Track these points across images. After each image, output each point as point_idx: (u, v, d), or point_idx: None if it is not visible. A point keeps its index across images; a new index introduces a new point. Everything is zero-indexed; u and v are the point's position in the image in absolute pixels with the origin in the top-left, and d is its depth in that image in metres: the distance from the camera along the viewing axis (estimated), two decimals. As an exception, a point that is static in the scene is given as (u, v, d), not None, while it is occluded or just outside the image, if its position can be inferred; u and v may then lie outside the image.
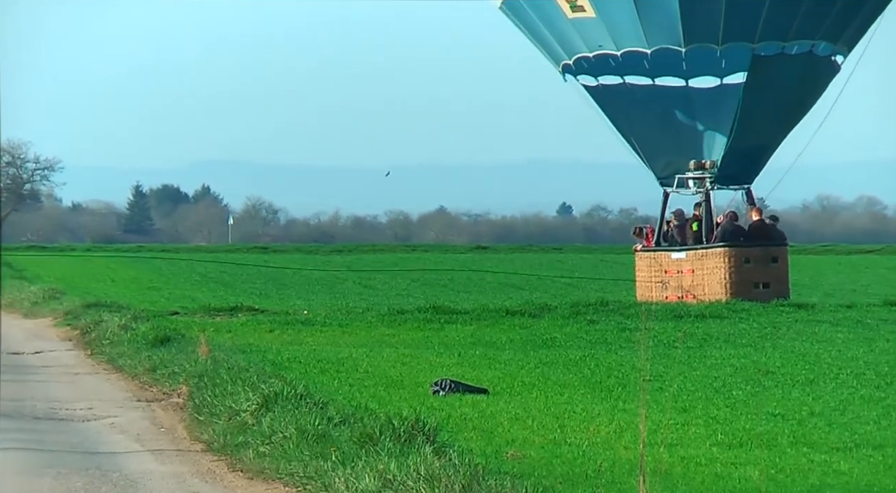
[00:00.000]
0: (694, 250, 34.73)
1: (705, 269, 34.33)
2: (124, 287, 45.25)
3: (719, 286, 34.13)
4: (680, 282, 34.65)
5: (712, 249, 34.49)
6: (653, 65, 35.00)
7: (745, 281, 34.23)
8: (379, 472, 12.93)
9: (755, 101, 34.92)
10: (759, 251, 34.75)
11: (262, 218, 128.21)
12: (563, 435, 15.73)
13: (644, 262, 35.40)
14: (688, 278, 34.51)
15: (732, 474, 13.62)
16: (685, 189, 35.53)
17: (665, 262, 34.76)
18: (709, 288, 34.26)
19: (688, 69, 35.10)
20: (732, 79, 35.25)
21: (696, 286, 34.40)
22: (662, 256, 34.98)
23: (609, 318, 31.05)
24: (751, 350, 25.00)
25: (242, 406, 17.05)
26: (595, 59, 35.11)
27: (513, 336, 28.19)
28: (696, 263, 34.56)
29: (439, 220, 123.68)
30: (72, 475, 14.60)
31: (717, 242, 34.73)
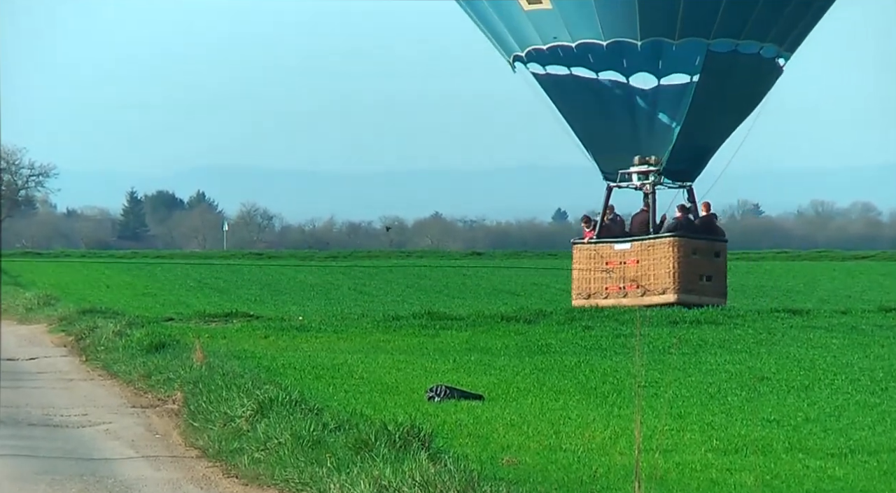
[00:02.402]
0: (640, 240, 34.76)
1: (652, 259, 34.44)
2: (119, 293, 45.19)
3: (667, 276, 34.23)
4: (623, 273, 34.69)
5: (661, 239, 34.55)
6: (606, 57, 35.05)
7: (691, 272, 34.37)
8: (374, 478, 12.92)
9: (706, 98, 35.05)
10: (705, 244, 34.93)
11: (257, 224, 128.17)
12: (559, 441, 15.72)
13: (583, 254, 35.42)
14: (632, 268, 34.59)
15: (728, 479, 13.61)
16: (629, 183, 35.53)
17: (607, 253, 34.83)
18: (655, 278, 34.36)
19: (641, 63, 35.16)
20: (685, 76, 35.39)
21: (642, 276, 34.48)
22: (604, 247, 35.02)
23: (604, 324, 31.04)
24: (746, 356, 25.00)
25: (237, 412, 17.03)
26: (549, 51, 35.15)
27: (508, 342, 28.17)
28: (641, 253, 34.61)
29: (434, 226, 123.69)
30: (66, 482, 14.57)
31: (666, 233, 34.75)
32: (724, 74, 34.87)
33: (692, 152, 35.37)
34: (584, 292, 34.95)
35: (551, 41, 34.79)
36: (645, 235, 34.88)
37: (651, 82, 35.30)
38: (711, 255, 34.98)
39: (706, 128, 35.26)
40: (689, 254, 34.38)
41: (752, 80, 35.28)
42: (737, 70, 34.86)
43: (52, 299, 39.52)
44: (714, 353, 25.63)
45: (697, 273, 34.50)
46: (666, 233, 34.62)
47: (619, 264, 34.71)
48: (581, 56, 35.08)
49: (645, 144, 35.31)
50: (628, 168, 35.26)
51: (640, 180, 35.23)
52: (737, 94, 35.32)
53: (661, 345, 26.93)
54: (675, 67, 35.06)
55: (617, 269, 34.64)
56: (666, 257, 34.17)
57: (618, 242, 34.90)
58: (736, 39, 34.55)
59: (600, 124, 35.75)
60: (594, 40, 34.41)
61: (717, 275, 34.89)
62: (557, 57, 35.38)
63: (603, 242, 35.05)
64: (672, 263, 34.07)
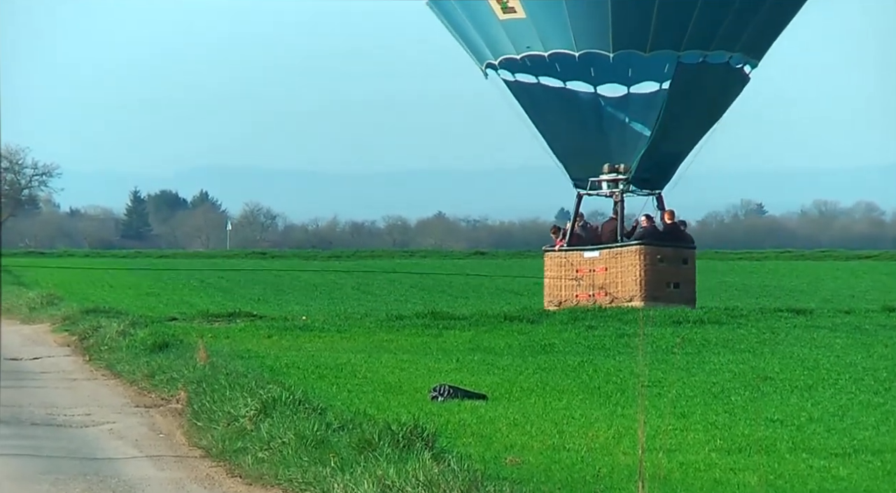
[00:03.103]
0: (608, 248, 35.06)
1: (620, 267, 34.80)
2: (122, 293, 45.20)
3: (634, 284, 34.55)
4: (592, 280, 35.00)
5: (628, 247, 34.91)
6: (576, 67, 35.26)
7: (658, 280, 34.77)
8: (378, 478, 12.92)
9: (676, 107, 35.45)
10: (671, 251, 35.30)
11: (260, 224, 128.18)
12: (562, 441, 15.72)
13: (554, 261, 35.68)
14: (600, 276, 34.96)
15: (731, 479, 13.60)
16: (598, 191, 35.78)
17: (577, 261, 35.05)
18: (623, 286, 34.69)
19: (611, 74, 35.47)
20: (654, 84, 35.66)
21: (610, 284, 34.82)
22: (574, 255, 35.32)
23: (607, 324, 31.04)
24: (749, 356, 24.99)
25: (241, 412, 17.03)
26: (521, 60, 35.37)
27: (511, 342, 28.17)
28: (609, 261, 34.94)
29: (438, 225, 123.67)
30: (70, 482, 14.57)
31: (633, 241, 35.06)
32: (693, 84, 35.37)
33: (661, 160, 35.84)
34: (555, 300, 35.40)
35: (524, 51, 35.11)
36: (613, 243, 35.16)
37: (620, 91, 35.65)
38: (679, 262, 35.41)
39: (675, 136, 35.80)
40: (655, 262, 34.84)
41: (720, 88, 35.82)
42: (706, 79, 35.40)
43: (56, 299, 39.52)
44: (717, 353, 25.62)
45: (664, 280, 34.98)
46: (633, 241, 35.00)
47: (588, 271, 35.17)
48: (550, 65, 35.39)
49: (614, 152, 35.70)
50: (598, 176, 35.51)
51: (609, 188, 35.47)
52: (705, 102, 35.86)
53: (664, 345, 26.92)
54: (644, 77, 35.43)
55: (586, 276, 35.13)
56: (633, 264, 34.65)
57: (587, 249, 35.32)
58: (705, 50, 35.04)
59: (569, 133, 36.15)
60: (567, 51, 34.73)
61: (684, 282, 35.35)
62: (526, 66, 35.63)
63: (573, 250, 35.38)
64: (638, 270, 34.57)
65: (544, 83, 35.75)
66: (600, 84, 35.58)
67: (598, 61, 34.92)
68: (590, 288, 34.92)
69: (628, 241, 35.08)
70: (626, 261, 34.67)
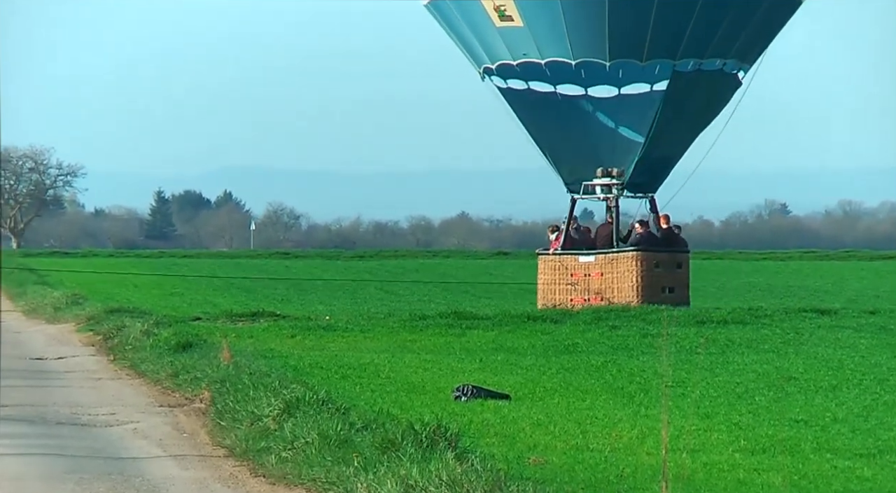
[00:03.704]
0: (604, 253, 35.23)
1: (616, 272, 35.00)
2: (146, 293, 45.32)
3: (630, 290, 34.81)
4: (587, 285, 35.19)
5: (624, 252, 35.13)
6: (571, 73, 35.45)
7: (654, 285, 35.07)
8: (401, 478, 12.93)
9: (670, 113, 35.71)
10: (666, 256, 35.63)
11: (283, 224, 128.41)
12: (586, 441, 15.71)
13: (548, 265, 35.81)
14: (596, 280, 35.12)
15: (755, 480, 13.57)
16: (592, 196, 35.98)
17: (572, 265, 35.15)
18: (619, 291, 34.95)
19: (604, 79, 35.68)
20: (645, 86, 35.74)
21: (606, 289, 35.05)
22: (569, 259, 35.47)
23: (631, 323, 30.99)
24: (773, 356, 24.92)
25: (264, 412, 17.06)
26: (518, 66, 35.58)
27: (534, 342, 28.15)
28: (605, 266, 35.13)
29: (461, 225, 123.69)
30: (94, 481, 14.62)
31: (630, 247, 35.27)
32: (687, 90, 35.59)
33: (653, 165, 36.05)
34: (549, 303, 35.57)
35: (521, 58, 35.30)
36: (609, 249, 35.45)
37: (611, 92, 35.91)
38: (673, 267, 35.72)
39: (668, 141, 36.13)
40: (651, 267, 35.13)
41: (713, 94, 36.07)
42: (700, 86, 35.66)
43: (80, 299, 39.65)
44: (741, 353, 25.56)
45: (660, 286, 35.28)
46: (629, 247, 35.27)
47: (583, 276, 35.34)
48: (543, 71, 35.56)
49: (606, 155, 35.87)
50: (591, 180, 35.67)
51: (603, 193, 35.59)
52: (698, 107, 36.11)
53: (688, 345, 26.87)
54: (635, 79, 35.68)
55: (582, 281, 35.25)
56: (629, 270, 34.91)
57: (583, 254, 35.50)
58: (700, 58, 35.36)
59: (560, 136, 36.40)
60: (563, 59, 34.93)
61: (678, 286, 35.69)
62: (516, 72, 35.79)
63: (568, 254, 35.52)
64: (635, 276, 34.82)
65: (534, 88, 36.03)
66: (591, 86, 35.74)
67: (593, 69, 35.15)
68: (585, 292, 35.25)
69: (624, 246, 35.39)
70: (623, 266, 35.00)
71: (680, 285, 35.61)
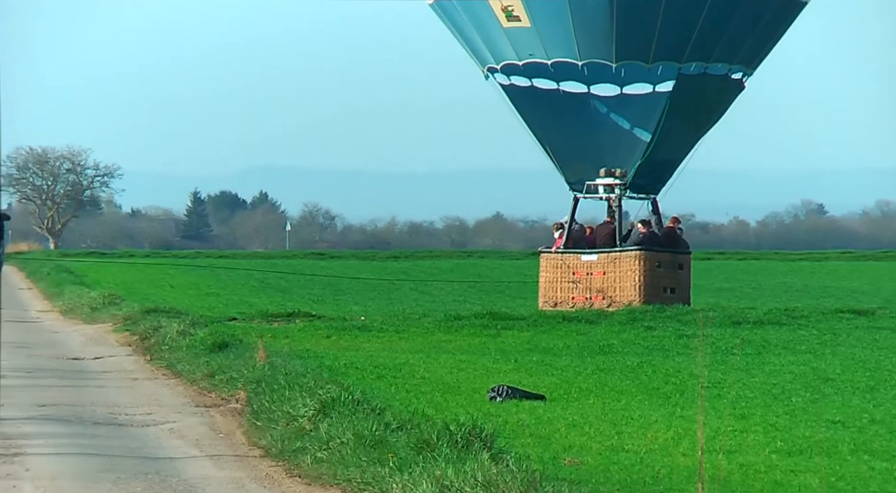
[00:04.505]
0: (606, 252, 35.24)
1: (618, 271, 35.15)
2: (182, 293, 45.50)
3: (632, 289, 34.95)
4: (589, 283, 35.29)
5: (626, 252, 35.20)
6: (576, 73, 35.48)
7: (655, 285, 35.29)
8: (436, 478, 12.93)
9: (675, 116, 35.72)
10: (668, 257, 35.82)
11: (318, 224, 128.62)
12: (621, 442, 15.68)
13: (550, 263, 35.85)
14: (598, 279, 35.25)
15: (792, 481, 13.51)
16: (594, 195, 36.04)
17: (574, 263, 35.17)
18: (621, 290, 35.10)
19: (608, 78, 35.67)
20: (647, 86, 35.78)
21: (608, 288, 35.20)
22: (571, 257, 35.46)
23: (666, 324, 30.92)
24: (810, 357, 24.82)
25: (300, 412, 17.10)
26: (523, 66, 35.67)
27: (569, 342, 28.12)
28: (608, 265, 35.20)
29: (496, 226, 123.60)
30: (131, 480, 14.68)
31: (632, 246, 35.35)
32: (692, 93, 35.75)
33: (656, 166, 36.13)
34: (550, 301, 35.75)
35: (527, 58, 35.35)
36: (612, 248, 35.52)
37: (614, 91, 35.92)
38: (675, 267, 35.94)
39: (671, 144, 36.16)
40: (653, 267, 35.33)
41: (717, 97, 36.29)
42: (705, 89, 35.83)
43: (117, 299, 39.83)
44: (778, 354, 25.45)
45: (661, 285, 35.47)
46: (632, 246, 35.35)
47: (585, 274, 35.41)
48: (546, 70, 35.63)
49: (609, 155, 35.96)
50: (594, 179, 35.68)
51: (605, 192, 35.63)
52: (702, 111, 36.35)
53: (723, 345, 26.78)
54: (639, 79, 35.79)
55: (583, 279, 35.29)
56: (632, 270, 35.11)
57: (585, 253, 35.58)
58: (706, 62, 35.48)
59: (563, 135, 36.48)
60: (569, 59, 34.89)
61: (679, 287, 35.88)
62: (520, 70, 35.88)
63: (570, 253, 35.53)
64: (637, 275, 35.01)
65: (538, 86, 36.08)
66: (594, 84, 35.74)
67: (599, 69, 35.15)
68: (586, 291, 35.35)
69: (626, 245, 35.46)
70: (625, 266, 35.20)
71: (681, 286, 35.89)
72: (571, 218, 36.45)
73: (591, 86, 35.88)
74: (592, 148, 36.09)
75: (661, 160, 36.07)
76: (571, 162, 36.31)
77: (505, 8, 35.08)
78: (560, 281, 35.64)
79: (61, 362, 26.34)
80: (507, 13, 35.10)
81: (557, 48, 35.21)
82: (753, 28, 35.52)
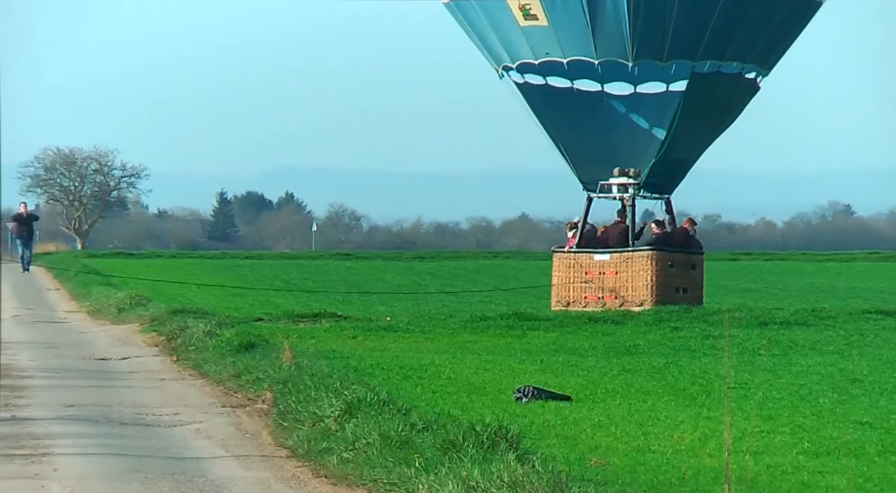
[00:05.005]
0: (619, 252, 35.26)
1: (630, 271, 35.20)
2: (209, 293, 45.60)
3: (644, 289, 34.93)
4: (602, 283, 35.34)
5: (639, 252, 35.25)
6: (590, 71, 35.53)
7: (668, 285, 35.32)
8: (462, 479, 12.93)
9: (688, 115, 35.64)
10: (681, 257, 35.83)
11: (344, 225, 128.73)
12: (647, 443, 15.65)
13: (563, 262, 35.89)
14: (610, 279, 35.30)
15: (819, 483, 13.47)
16: (608, 195, 36.03)
17: (587, 263, 35.11)
18: (633, 290, 35.14)
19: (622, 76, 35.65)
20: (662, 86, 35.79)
21: (621, 287, 35.26)
22: (584, 257, 35.48)
23: (693, 325, 30.85)
24: (837, 358, 24.72)
25: (326, 412, 17.12)
26: (539, 65, 35.61)
27: (595, 343, 28.08)
28: (620, 265, 35.23)
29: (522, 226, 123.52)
30: (158, 481, 14.73)
31: (645, 246, 35.43)
32: (706, 93, 35.63)
33: (670, 166, 36.00)
34: (563, 300, 35.81)
35: (543, 57, 35.32)
36: (624, 247, 35.56)
37: (627, 90, 35.92)
38: (687, 267, 35.93)
39: (685, 144, 36.07)
40: (665, 267, 35.34)
41: (731, 97, 36.16)
42: (718, 89, 35.74)
43: (144, 300, 39.94)
44: (805, 354, 25.37)
45: (673, 286, 35.49)
46: (644, 246, 35.40)
47: (598, 274, 35.41)
48: (561, 69, 35.64)
49: (622, 154, 35.92)
50: (607, 179, 35.61)
51: (619, 192, 35.60)
52: (716, 111, 36.23)
53: (750, 346, 26.70)
54: (652, 78, 35.82)
55: (596, 279, 35.31)
56: (644, 269, 35.14)
57: (598, 252, 35.61)
58: (719, 60, 35.41)
59: (577, 133, 36.43)
60: (586, 58, 34.85)
61: (692, 287, 35.87)
62: (535, 69, 35.88)
63: (582, 252, 35.58)
64: (650, 275, 35.05)
65: (552, 84, 36.06)
66: (608, 82, 35.72)
67: (615, 68, 35.14)
68: (599, 291, 35.34)
69: (639, 245, 35.43)
70: (638, 266, 35.22)
71: (694, 286, 35.87)
72: (585, 218, 36.47)
73: (605, 84, 35.92)
74: (606, 146, 36.08)
75: (674, 160, 36.03)
76: (585, 161, 36.29)
77: (522, 7, 35.08)
78: (573, 281, 35.72)
79: (89, 363, 26.43)
80: (524, 12, 35.09)
81: (574, 47, 35.20)
82: (766, 27, 35.45)
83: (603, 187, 35.95)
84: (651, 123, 36.02)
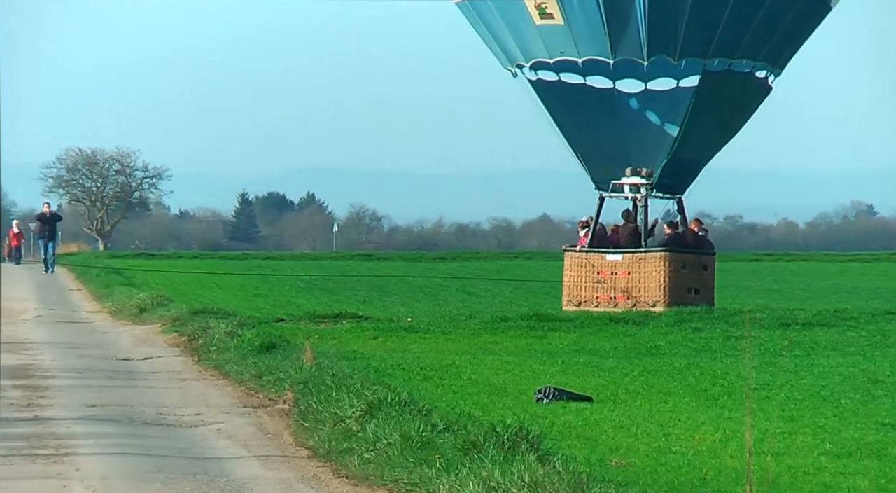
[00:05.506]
0: (631, 252, 35.27)
1: (643, 271, 35.17)
2: (230, 294, 45.68)
3: (657, 289, 34.95)
4: (614, 283, 35.29)
5: (651, 252, 35.22)
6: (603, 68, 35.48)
7: (680, 285, 35.27)
8: (483, 479, 12.94)
9: (700, 114, 35.56)
10: (693, 258, 35.82)
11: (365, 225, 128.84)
12: (668, 443, 15.63)
13: (575, 262, 35.85)
14: (622, 279, 35.27)
15: (841, 484, 13.44)
16: (620, 194, 36.00)
17: (598, 263, 35.02)
18: (645, 291, 35.12)
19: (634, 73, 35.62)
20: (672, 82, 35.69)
21: (633, 288, 35.24)
22: (596, 256, 35.48)
23: (714, 326, 30.79)
24: (859, 359, 24.65)
25: (347, 413, 17.14)
26: (554, 64, 35.63)
27: (616, 344, 28.05)
28: (633, 265, 35.23)
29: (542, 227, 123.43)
30: (180, 480, 14.77)
31: (657, 247, 35.38)
32: (717, 90, 35.55)
33: (682, 166, 35.89)
34: (574, 300, 35.72)
35: (558, 55, 35.31)
36: (636, 248, 35.53)
37: (638, 87, 35.92)
38: (699, 268, 35.89)
39: (697, 143, 35.99)
40: (678, 268, 35.31)
41: (743, 97, 36.06)
42: (729, 87, 35.65)
43: (166, 300, 40.02)
44: (826, 355, 25.30)
45: (686, 286, 35.45)
46: (657, 247, 35.40)
47: (610, 274, 35.38)
48: (576, 68, 35.62)
49: (634, 153, 35.82)
50: (619, 179, 35.54)
51: (631, 192, 35.54)
52: (728, 109, 36.12)
53: (772, 347, 26.64)
54: (662, 74, 35.77)
55: (608, 279, 35.29)
56: (657, 270, 35.11)
57: (610, 252, 35.56)
58: (730, 58, 35.32)
59: (589, 130, 36.36)
60: (601, 57, 34.84)
61: (704, 288, 35.85)
62: (550, 67, 35.90)
63: (594, 252, 35.54)
64: (662, 276, 35.03)
65: (565, 80, 36.04)
66: (619, 79, 35.75)
67: (630, 67, 35.15)
68: (611, 291, 35.33)
69: (651, 246, 35.42)
70: (650, 267, 35.18)
71: (705, 287, 35.85)
72: (597, 217, 36.43)
73: (617, 81, 35.90)
74: (618, 144, 36.00)
75: (686, 160, 35.93)
76: (597, 159, 36.22)
77: (538, 5, 35.06)
78: (584, 280, 35.69)
79: (111, 363, 26.51)
80: (540, 10, 35.06)
81: (590, 46, 35.15)
82: (776, 26, 35.37)
83: (615, 187, 35.93)
84: (663, 119, 35.96)
